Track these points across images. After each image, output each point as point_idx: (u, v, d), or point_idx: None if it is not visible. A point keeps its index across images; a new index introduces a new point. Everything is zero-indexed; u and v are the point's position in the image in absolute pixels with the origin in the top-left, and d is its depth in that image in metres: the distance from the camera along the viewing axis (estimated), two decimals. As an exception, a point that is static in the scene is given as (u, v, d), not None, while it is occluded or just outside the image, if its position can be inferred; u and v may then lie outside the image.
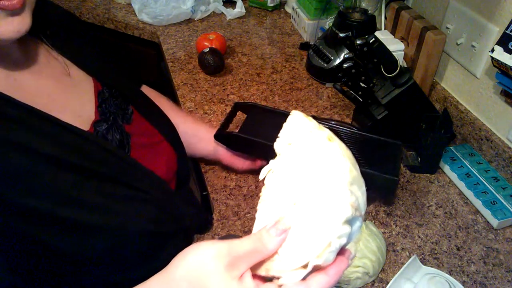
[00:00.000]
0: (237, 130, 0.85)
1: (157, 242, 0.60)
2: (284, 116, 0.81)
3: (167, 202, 0.65)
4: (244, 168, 0.87)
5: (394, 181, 0.77)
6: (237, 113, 0.92)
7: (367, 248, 0.70)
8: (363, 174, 0.42)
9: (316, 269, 0.37)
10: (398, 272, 0.69)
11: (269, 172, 0.42)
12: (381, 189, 0.81)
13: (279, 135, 0.44)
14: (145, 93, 0.77)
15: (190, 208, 0.75)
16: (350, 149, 0.89)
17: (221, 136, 0.85)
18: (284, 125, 0.44)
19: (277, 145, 0.43)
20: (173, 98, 1.18)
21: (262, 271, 0.38)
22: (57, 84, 0.56)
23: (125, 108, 0.66)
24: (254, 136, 0.82)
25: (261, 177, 0.42)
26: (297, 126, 0.43)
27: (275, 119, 0.88)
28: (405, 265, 0.69)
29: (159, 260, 0.61)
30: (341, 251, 0.38)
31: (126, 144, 0.61)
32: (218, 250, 0.36)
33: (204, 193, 0.90)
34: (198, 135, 0.86)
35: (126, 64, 0.83)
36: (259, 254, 0.36)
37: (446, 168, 0.91)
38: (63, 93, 0.56)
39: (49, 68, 0.57)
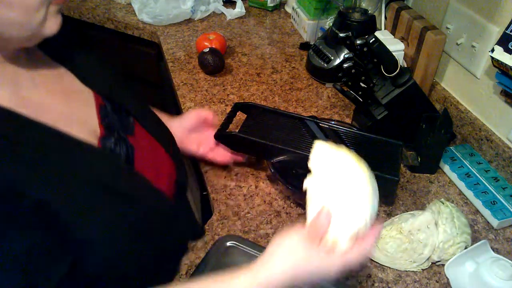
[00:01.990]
0: (237, 130, 0.85)
1: (154, 254, 0.61)
2: (284, 116, 0.85)
3: (169, 216, 0.65)
4: (201, 153, 0.85)
5: (394, 181, 0.77)
6: (238, 113, 0.92)
7: (462, 223, 0.74)
8: None
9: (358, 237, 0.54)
10: (464, 251, 0.71)
11: (311, 183, 0.56)
12: (381, 189, 0.81)
13: (310, 157, 0.58)
14: None
15: (187, 218, 0.75)
16: (350, 148, 0.90)
17: (221, 136, 0.85)
18: (313, 151, 0.58)
19: (312, 164, 0.57)
20: (173, 98, 1.18)
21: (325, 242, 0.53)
22: (61, 99, 0.55)
23: (127, 120, 0.64)
24: (254, 136, 0.82)
25: (305, 186, 0.57)
26: (325, 150, 0.58)
27: (275, 120, 0.89)
28: (472, 246, 0.72)
29: (157, 273, 0.63)
30: (372, 227, 0.55)
31: (131, 158, 0.60)
32: (297, 237, 0.53)
33: (204, 193, 0.90)
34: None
35: (127, 66, 0.82)
36: (321, 229, 0.52)
37: (446, 168, 0.91)
38: (68, 108, 0.55)
39: (52, 81, 0.56)
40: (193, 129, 0.86)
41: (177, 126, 0.85)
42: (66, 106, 0.55)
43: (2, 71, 0.49)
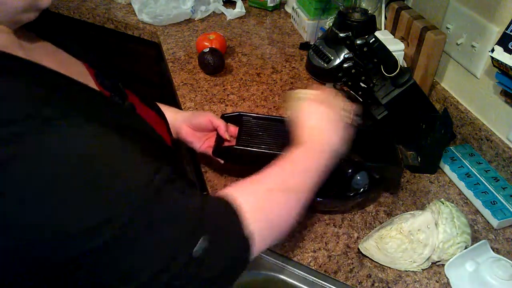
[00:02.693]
0: (234, 143, 0.83)
1: None
2: (275, 121, 0.86)
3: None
4: (202, 150, 0.86)
5: (399, 169, 0.79)
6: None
7: (462, 223, 0.73)
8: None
9: None
10: (464, 251, 0.71)
11: None
12: (387, 179, 0.82)
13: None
14: None
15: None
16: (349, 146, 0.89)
17: (220, 152, 0.82)
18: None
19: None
20: (173, 98, 1.18)
21: None
22: (59, 66, 0.57)
23: (118, 86, 0.68)
24: (252, 146, 0.80)
25: None
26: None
27: (269, 126, 0.88)
28: (472, 246, 0.72)
29: None
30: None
31: None
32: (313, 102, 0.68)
33: (204, 193, 0.90)
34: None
35: (127, 66, 0.85)
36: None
37: (446, 168, 0.91)
38: (69, 74, 0.58)
39: (46, 53, 0.58)
40: (200, 129, 0.87)
41: (186, 120, 0.86)
42: (67, 72, 0.57)
43: (10, 37, 0.51)
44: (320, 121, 0.65)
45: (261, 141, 0.83)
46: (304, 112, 0.67)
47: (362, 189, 0.79)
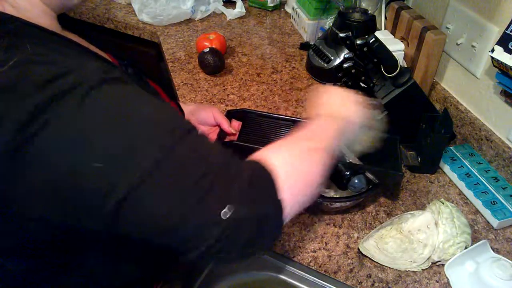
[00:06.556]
0: (235, 139, 0.84)
1: None
2: (279, 120, 0.86)
3: None
4: None
5: (399, 176, 0.79)
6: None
7: (462, 223, 0.73)
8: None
9: None
10: (464, 251, 0.71)
11: None
12: (387, 184, 0.82)
13: None
14: None
15: None
16: None
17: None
18: None
19: None
20: (173, 98, 1.18)
21: None
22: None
23: (140, 74, 0.71)
24: (253, 143, 0.81)
25: None
26: None
27: (272, 124, 0.89)
28: (472, 246, 0.72)
29: None
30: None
31: None
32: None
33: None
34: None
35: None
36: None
37: (446, 168, 0.91)
38: None
39: (83, 42, 0.62)
40: (203, 123, 0.89)
41: (192, 112, 0.89)
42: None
43: (55, 22, 0.55)
44: (336, 98, 0.70)
45: (263, 138, 0.84)
46: (321, 93, 0.71)
47: (358, 192, 0.79)
